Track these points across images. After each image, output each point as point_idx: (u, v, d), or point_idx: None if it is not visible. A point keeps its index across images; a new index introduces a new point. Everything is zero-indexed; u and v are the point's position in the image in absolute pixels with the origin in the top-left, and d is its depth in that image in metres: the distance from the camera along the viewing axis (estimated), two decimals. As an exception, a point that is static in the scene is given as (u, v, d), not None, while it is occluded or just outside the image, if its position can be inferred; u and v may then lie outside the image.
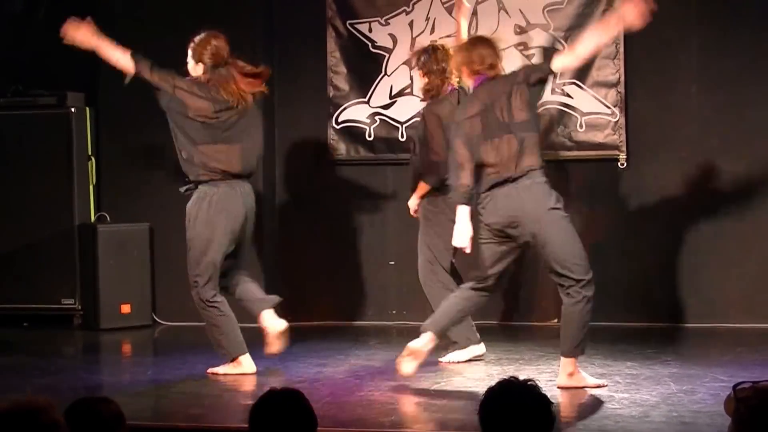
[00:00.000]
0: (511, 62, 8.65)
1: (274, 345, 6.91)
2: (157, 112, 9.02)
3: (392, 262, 8.82)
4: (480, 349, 7.17)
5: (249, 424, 3.24)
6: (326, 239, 9.03)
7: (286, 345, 6.96)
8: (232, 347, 6.76)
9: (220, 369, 6.76)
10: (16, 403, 2.94)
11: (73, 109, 9.00)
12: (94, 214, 9.10)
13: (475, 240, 6.29)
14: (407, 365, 6.27)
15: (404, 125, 8.83)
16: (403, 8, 8.89)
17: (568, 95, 8.63)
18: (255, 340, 6.95)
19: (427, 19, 8.83)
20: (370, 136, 8.94)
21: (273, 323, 6.90)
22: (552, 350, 7.43)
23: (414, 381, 6.46)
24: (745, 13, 8.40)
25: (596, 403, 5.80)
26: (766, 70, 8.39)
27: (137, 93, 9.06)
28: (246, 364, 6.75)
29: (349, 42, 8.97)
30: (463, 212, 6.25)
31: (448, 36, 8.68)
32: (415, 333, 6.30)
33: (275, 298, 7.03)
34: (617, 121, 8.57)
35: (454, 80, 7.14)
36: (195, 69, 6.90)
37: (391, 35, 8.90)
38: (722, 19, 8.45)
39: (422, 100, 7.40)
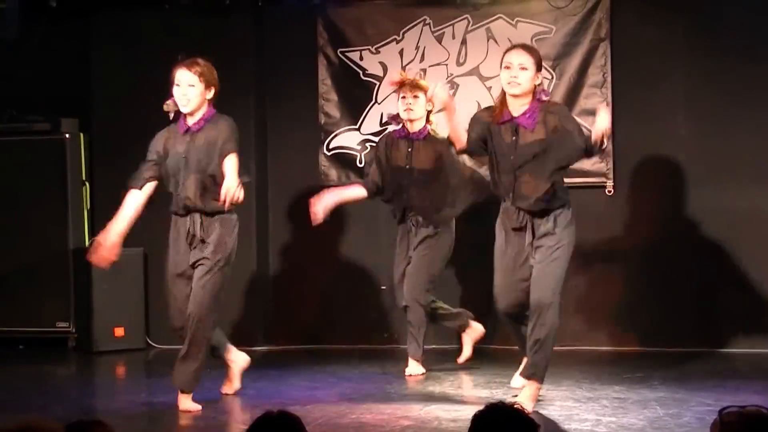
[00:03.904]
0: (500, 91, 8.75)
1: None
2: (150, 137, 9.13)
3: (384, 287, 8.87)
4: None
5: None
6: (318, 264, 9.08)
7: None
8: None
9: None
10: (21, 425, 2.94)
11: (67, 135, 9.04)
12: (89, 239, 9.11)
13: None
14: None
15: (393, 152, 8.90)
16: (393, 37, 8.96)
17: (556, 123, 8.68)
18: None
19: (417, 47, 8.90)
20: (360, 162, 8.99)
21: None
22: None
23: (404, 404, 6.54)
24: (731, 42, 8.45)
25: (583, 428, 5.85)
26: (752, 98, 8.44)
27: (130, 119, 9.20)
28: None
29: (339, 70, 9.04)
30: None
31: (438, 64, 8.81)
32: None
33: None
34: (604, 148, 8.62)
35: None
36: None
37: (382, 63, 8.97)
38: (708, 48, 8.50)
39: None
